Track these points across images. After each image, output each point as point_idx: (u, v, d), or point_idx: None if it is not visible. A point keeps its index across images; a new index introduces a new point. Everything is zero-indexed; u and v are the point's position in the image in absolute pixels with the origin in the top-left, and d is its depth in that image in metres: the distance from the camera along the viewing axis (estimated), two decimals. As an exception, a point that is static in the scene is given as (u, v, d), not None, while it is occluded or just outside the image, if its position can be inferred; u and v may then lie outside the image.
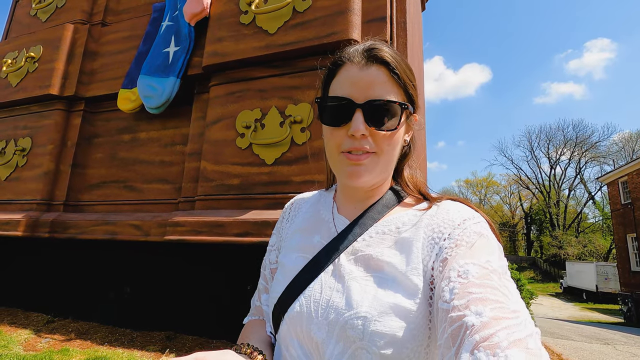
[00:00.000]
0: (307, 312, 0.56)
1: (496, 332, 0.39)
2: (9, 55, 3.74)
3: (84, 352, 2.29)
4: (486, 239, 0.53)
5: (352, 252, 0.59)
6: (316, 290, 0.57)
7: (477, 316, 0.41)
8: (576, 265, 24.92)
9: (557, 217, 36.88)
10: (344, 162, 0.60)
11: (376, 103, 0.57)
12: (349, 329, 0.51)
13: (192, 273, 2.84)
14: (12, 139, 3.50)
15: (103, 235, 2.84)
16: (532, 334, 0.39)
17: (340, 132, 0.60)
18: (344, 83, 0.60)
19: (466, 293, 0.44)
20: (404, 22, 2.47)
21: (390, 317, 0.50)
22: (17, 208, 3.26)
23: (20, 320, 2.97)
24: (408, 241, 0.57)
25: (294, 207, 0.77)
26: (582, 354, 5.82)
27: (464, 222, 0.55)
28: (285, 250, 0.69)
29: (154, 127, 3.18)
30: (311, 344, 0.54)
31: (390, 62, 0.59)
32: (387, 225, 0.61)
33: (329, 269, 0.59)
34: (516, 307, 0.43)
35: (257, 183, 2.41)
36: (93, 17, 3.70)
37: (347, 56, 0.62)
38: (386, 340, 0.49)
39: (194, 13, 2.85)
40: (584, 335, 8.79)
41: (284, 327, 0.58)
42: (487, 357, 0.37)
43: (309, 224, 0.69)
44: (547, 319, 13.21)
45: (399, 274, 0.54)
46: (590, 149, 36.73)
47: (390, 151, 0.60)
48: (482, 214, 0.59)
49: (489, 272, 0.47)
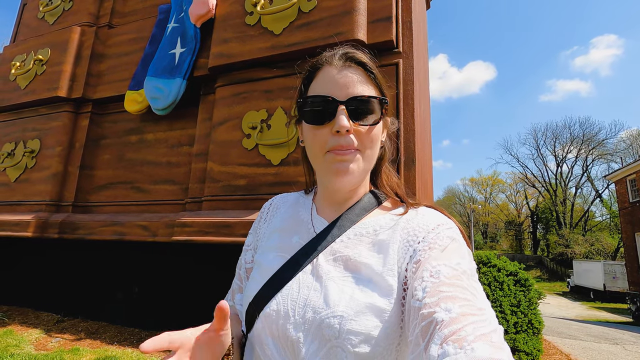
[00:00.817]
0: (284, 310, 0.56)
1: (463, 326, 0.41)
2: (18, 58, 3.79)
3: (93, 351, 2.32)
4: (457, 243, 0.56)
5: (331, 253, 0.61)
6: (294, 290, 0.58)
7: (446, 312, 0.44)
8: (583, 264, 24.68)
9: (564, 216, 36.54)
10: (330, 160, 0.60)
11: (358, 99, 0.60)
12: (325, 328, 0.52)
13: (200, 273, 2.86)
14: (22, 140, 3.55)
15: (111, 235, 2.86)
16: (495, 329, 0.42)
17: (323, 131, 0.60)
18: (324, 83, 0.62)
19: (437, 291, 0.47)
20: (410, 22, 2.46)
21: (366, 316, 0.52)
22: (27, 209, 3.30)
23: (31, 319, 3.01)
24: (385, 243, 0.59)
25: (272, 207, 0.77)
26: (591, 354, 5.76)
27: (437, 226, 0.58)
28: (263, 249, 0.69)
29: (160, 129, 3.21)
30: (286, 342, 0.55)
31: (366, 62, 0.63)
32: (365, 227, 0.62)
33: (307, 268, 0.60)
34: (482, 305, 0.46)
35: (263, 184, 2.42)
36: (100, 19, 3.73)
37: (325, 59, 0.64)
38: (361, 339, 0.50)
39: (199, 14, 2.87)
40: (592, 334, 8.71)
41: (259, 326, 0.58)
42: (455, 350, 0.39)
43: (288, 224, 0.70)
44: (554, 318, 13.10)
45: (375, 274, 0.55)
46: (597, 147, 36.30)
47: (371, 148, 0.62)
48: (454, 221, 0.62)
49: (460, 273, 0.50)
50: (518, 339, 3.13)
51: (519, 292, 3.35)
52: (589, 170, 37.52)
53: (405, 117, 2.26)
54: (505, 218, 46.20)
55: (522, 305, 3.25)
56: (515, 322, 3.19)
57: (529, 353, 3.12)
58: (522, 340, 3.14)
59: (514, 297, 3.29)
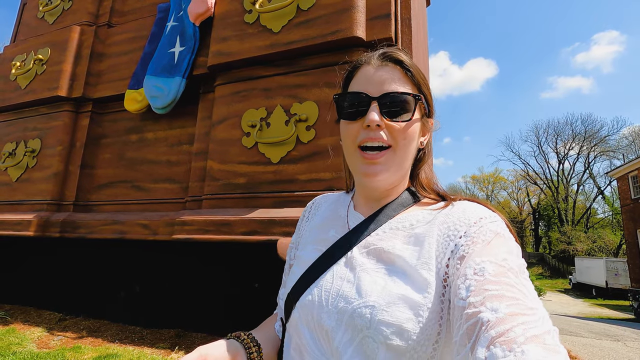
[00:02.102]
0: (319, 300, 0.57)
1: (512, 327, 0.39)
2: (18, 57, 3.80)
3: (95, 349, 2.33)
4: (503, 237, 0.54)
5: (365, 246, 0.61)
6: (327, 280, 0.59)
7: (492, 312, 0.41)
8: (585, 261, 24.65)
9: (566, 213, 36.46)
10: (359, 160, 0.62)
11: (390, 94, 0.60)
12: (356, 317, 0.52)
13: (200, 271, 2.87)
14: (22, 140, 3.56)
15: (112, 234, 2.87)
16: (549, 330, 0.39)
17: (355, 126, 0.62)
18: (360, 81, 0.64)
19: (482, 290, 0.44)
20: (409, 19, 2.45)
21: (398, 307, 0.51)
22: (28, 208, 3.31)
23: (33, 318, 3.03)
24: (421, 237, 0.58)
25: (314, 206, 0.80)
26: (592, 351, 5.77)
27: (480, 220, 0.56)
28: (303, 245, 0.72)
29: (160, 127, 3.21)
30: (321, 331, 0.56)
31: (404, 60, 0.63)
32: (401, 222, 0.62)
33: (342, 260, 0.61)
34: (533, 304, 0.42)
35: (263, 182, 2.43)
36: (99, 18, 3.73)
37: (365, 59, 0.66)
38: (392, 330, 0.50)
39: (198, 13, 2.87)
40: (593, 331, 8.71)
41: (295, 315, 0.60)
42: (503, 352, 0.37)
43: (327, 220, 0.72)
44: (555, 315, 13.10)
45: (409, 267, 0.55)
46: (599, 143, 36.17)
47: (405, 146, 0.62)
48: (499, 214, 0.59)
49: (506, 270, 0.47)
50: (518, 335, 3.12)
51: (518, 289, 3.35)
52: (591, 167, 37.43)
53: (404, 114, 2.26)
54: (507, 215, 45.81)
55: (522, 302, 3.24)
56: (515, 319, 3.18)
57: (529, 350, 3.11)
58: (522, 337, 3.13)
59: (514, 294, 3.27)
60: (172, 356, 2.25)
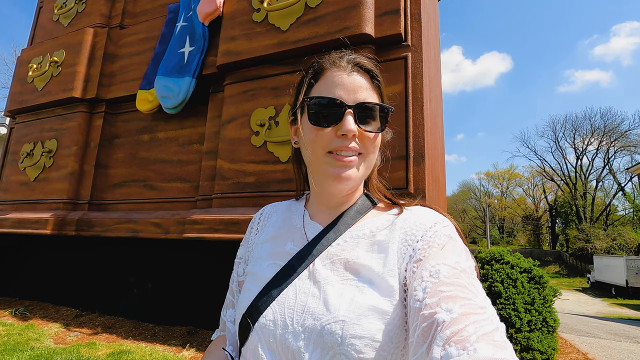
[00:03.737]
0: (282, 319, 0.54)
1: (465, 327, 0.41)
2: (34, 60, 3.89)
3: (109, 345, 2.39)
4: (454, 241, 0.56)
5: (328, 257, 0.59)
6: (290, 297, 0.56)
7: (447, 313, 0.43)
8: (604, 260, 23.99)
9: (584, 210, 35.49)
10: (330, 163, 0.60)
11: (366, 105, 0.60)
12: (326, 335, 0.50)
13: (212, 269, 2.90)
14: (40, 141, 3.65)
15: (126, 233, 2.93)
16: (497, 328, 0.42)
17: (327, 132, 0.60)
18: (332, 85, 0.61)
19: (437, 291, 0.46)
20: (419, 14, 2.40)
21: (369, 319, 0.50)
22: (46, 207, 3.40)
23: (51, 314, 3.12)
24: (384, 244, 0.58)
25: (263, 217, 0.75)
26: (610, 353, 5.60)
27: (434, 225, 0.58)
28: (255, 259, 0.67)
29: (171, 127, 3.25)
30: (286, 353, 0.53)
31: (372, 69, 0.64)
32: (361, 229, 0.62)
33: (304, 274, 0.58)
34: (483, 303, 0.45)
35: (272, 181, 2.43)
36: (112, 20, 3.79)
37: (332, 61, 0.64)
38: (365, 343, 0.49)
39: (207, 13, 2.88)
40: (612, 332, 8.48)
41: (254, 338, 0.56)
42: (458, 351, 0.39)
43: (281, 232, 0.68)
44: (572, 315, 12.81)
45: (376, 276, 0.54)
46: (619, 138, 35.00)
47: (373, 153, 0.63)
48: (450, 218, 0.62)
49: (459, 272, 0.49)
50: (532, 337, 3.06)
51: (533, 290, 3.27)
52: (610, 162, 36.26)
53: (415, 111, 2.22)
54: (523, 213, 45.20)
55: (536, 303, 3.17)
56: (529, 320, 3.11)
57: (544, 352, 3.05)
58: (536, 338, 3.06)
59: (528, 294, 3.21)
60: (183, 353, 2.28)
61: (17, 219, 3.35)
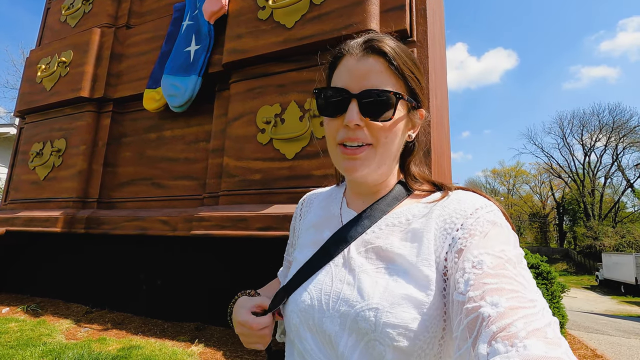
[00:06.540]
0: (319, 304, 0.56)
1: (513, 322, 0.38)
2: (43, 60, 3.94)
3: (119, 341, 2.42)
4: (500, 227, 0.52)
5: (362, 244, 0.59)
6: (327, 283, 0.57)
7: (493, 307, 0.40)
8: (613, 257, 23.71)
9: (592, 207, 35.10)
10: (340, 156, 0.60)
11: (370, 92, 0.56)
12: (360, 321, 0.51)
13: (219, 265, 2.92)
14: (49, 140, 3.70)
15: (134, 230, 2.96)
16: (550, 323, 0.39)
17: (336, 123, 0.60)
18: (341, 74, 0.60)
19: (481, 284, 0.44)
20: (424, 9, 2.40)
21: (402, 308, 0.50)
22: (55, 206, 3.45)
23: (62, 310, 3.17)
24: (419, 232, 0.56)
25: (306, 203, 0.78)
26: (619, 350, 5.55)
27: (476, 211, 0.54)
28: (300, 247, 0.70)
29: (178, 125, 3.28)
30: (324, 336, 0.54)
31: (388, 52, 0.58)
32: (396, 217, 0.60)
33: (339, 261, 0.59)
34: (533, 296, 0.42)
35: (278, 178, 2.44)
36: (118, 20, 3.83)
37: (347, 48, 0.62)
38: (398, 332, 0.49)
39: (213, 11, 2.89)
40: (621, 329, 8.40)
41: (296, 320, 0.58)
42: (505, 348, 0.36)
43: (320, 219, 0.70)
44: (581, 312, 12.70)
45: (410, 265, 0.53)
46: (628, 134, 34.55)
47: (387, 143, 0.59)
48: (495, 202, 0.57)
49: (504, 262, 0.46)
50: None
51: (540, 286, 3.25)
52: (619, 159, 35.83)
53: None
54: (530, 210, 44.83)
55: (544, 299, 3.16)
56: (537, 316, 3.10)
57: (552, 347, 3.03)
58: (544, 334, 3.05)
59: (536, 290, 3.19)
60: (192, 349, 2.31)
61: (28, 218, 3.40)
